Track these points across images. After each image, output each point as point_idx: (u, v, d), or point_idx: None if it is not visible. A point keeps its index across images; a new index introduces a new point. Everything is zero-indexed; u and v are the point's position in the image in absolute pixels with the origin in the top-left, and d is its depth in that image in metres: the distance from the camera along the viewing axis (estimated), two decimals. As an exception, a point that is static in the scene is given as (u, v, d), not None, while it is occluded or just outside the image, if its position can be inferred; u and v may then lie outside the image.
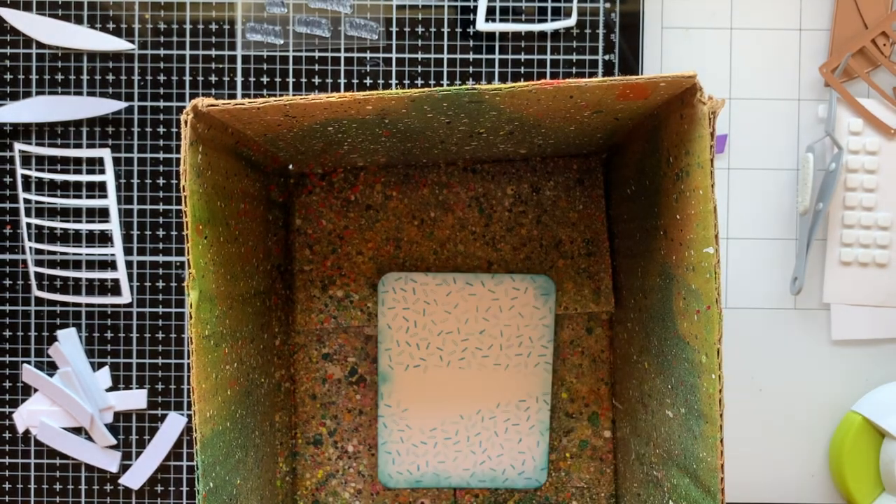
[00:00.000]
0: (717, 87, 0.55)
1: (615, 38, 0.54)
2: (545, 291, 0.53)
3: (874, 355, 0.56)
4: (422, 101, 0.38)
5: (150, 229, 0.54)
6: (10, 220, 0.54)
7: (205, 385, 0.38)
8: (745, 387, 0.56)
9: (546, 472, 0.54)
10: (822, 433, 0.56)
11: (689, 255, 0.39)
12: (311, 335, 0.54)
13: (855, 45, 0.54)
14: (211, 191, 0.39)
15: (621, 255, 0.52)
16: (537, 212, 0.54)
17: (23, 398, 0.55)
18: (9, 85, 0.54)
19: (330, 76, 0.54)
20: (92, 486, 0.55)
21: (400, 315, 0.53)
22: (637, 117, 0.43)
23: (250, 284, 0.46)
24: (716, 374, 0.36)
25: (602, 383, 0.55)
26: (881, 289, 0.55)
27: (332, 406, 0.55)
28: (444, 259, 0.54)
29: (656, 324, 0.45)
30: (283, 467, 0.53)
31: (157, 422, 0.55)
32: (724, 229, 0.56)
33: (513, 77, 0.54)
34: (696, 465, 0.40)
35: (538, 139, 0.47)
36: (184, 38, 0.54)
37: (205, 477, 0.38)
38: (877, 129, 0.54)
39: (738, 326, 0.56)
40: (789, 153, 0.55)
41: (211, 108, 0.36)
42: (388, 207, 0.54)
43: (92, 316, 0.54)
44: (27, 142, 0.54)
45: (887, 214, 0.54)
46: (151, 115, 0.54)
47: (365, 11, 0.54)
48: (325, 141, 0.45)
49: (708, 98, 0.36)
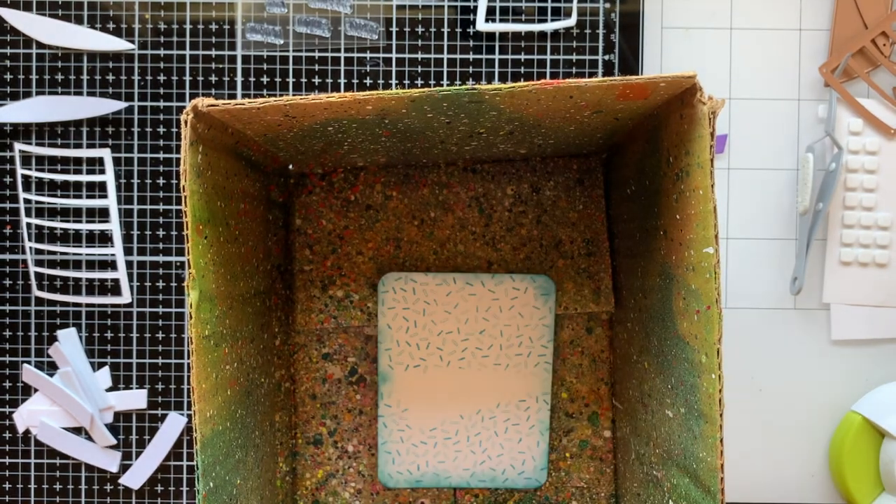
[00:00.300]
0: (717, 87, 0.55)
1: (615, 38, 0.54)
2: (545, 291, 0.53)
3: (874, 355, 0.56)
4: (422, 101, 0.38)
5: (150, 229, 0.54)
6: (10, 220, 0.54)
7: (205, 385, 0.38)
8: (745, 387, 0.56)
9: (546, 472, 0.54)
10: (822, 433, 0.56)
11: (689, 255, 0.39)
12: (311, 335, 0.54)
13: (855, 45, 0.54)
14: (211, 191, 0.39)
15: (621, 255, 0.52)
16: (537, 212, 0.54)
17: (23, 398, 0.55)
18: (9, 85, 0.54)
19: (330, 76, 0.54)
20: (92, 486, 0.55)
21: (400, 315, 0.53)
22: (637, 117, 0.43)
23: (250, 284, 0.46)
24: (716, 373, 0.36)
25: (602, 383, 0.55)
26: (881, 289, 0.55)
27: (332, 406, 0.55)
28: (444, 259, 0.54)
29: (656, 324, 0.45)
30: (283, 467, 0.53)
31: (157, 422, 0.55)
32: (724, 229, 0.56)
33: (513, 77, 0.54)
34: (696, 465, 0.40)
35: (538, 139, 0.47)
36: (184, 38, 0.54)
37: (205, 477, 0.38)
38: (877, 129, 0.54)
39: (738, 326, 0.56)
40: (789, 153, 0.55)
41: (211, 108, 0.36)
42: (388, 207, 0.54)
43: (92, 316, 0.54)
44: (27, 142, 0.54)
45: (887, 214, 0.54)
46: (151, 115, 0.54)
47: (365, 11, 0.54)
48: (325, 141, 0.45)
49: (708, 98, 0.36)
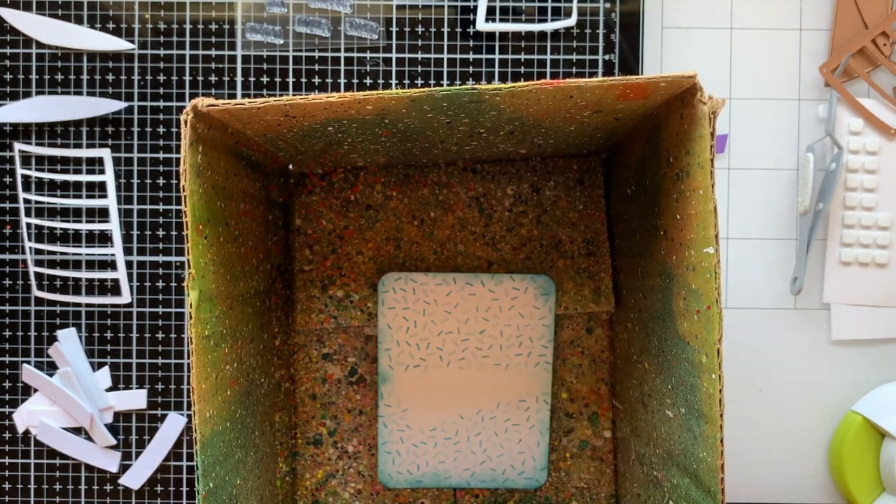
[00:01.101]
0: (717, 87, 0.55)
1: (615, 38, 0.54)
2: (545, 291, 0.53)
3: (874, 355, 0.56)
4: (422, 101, 0.38)
5: (150, 229, 0.54)
6: (10, 220, 0.54)
7: (205, 385, 0.38)
8: (745, 387, 0.56)
9: (546, 472, 0.54)
10: (822, 433, 0.56)
11: (689, 255, 0.39)
12: (311, 335, 0.54)
13: (855, 45, 0.54)
14: (211, 191, 0.39)
15: (621, 255, 0.52)
16: (537, 212, 0.54)
17: (23, 398, 0.55)
18: (9, 85, 0.54)
19: (330, 76, 0.54)
20: (92, 486, 0.55)
21: (400, 315, 0.53)
22: (637, 117, 0.43)
23: (250, 284, 0.46)
24: (716, 374, 0.36)
25: (602, 383, 0.55)
26: (881, 289, 0.55)
27: (332, 406, 0.55)
28: (444, 259, 0.54)
29: (656, 324, 0.44)
30: (283, 467, 0.53)
31: (157, 422, 0.55)
32: (724, 229, 0.56)
33: (513, 77, 0.54)
34: (696, 465, 0.40)
35: (538, 139, 0.47)
36: (184, 38, 0.54)
37: (205, 477, 0.38)
38: (877, 129, 0.54)
39: (738, 326, 0.56)
40: (789, 153, 0.55)
41: (211, 108, 0.36)
42: (388, 207, 0.54)
43: (92, 316, 0.54)
44: (27, 142, 0.54)
45: (887, 214, 0.54)
46: (151, 115, 0.54)
47: (365, 11, 0.54)
48: (325, 141, 0.45)
49: (708, 98, 0.36)
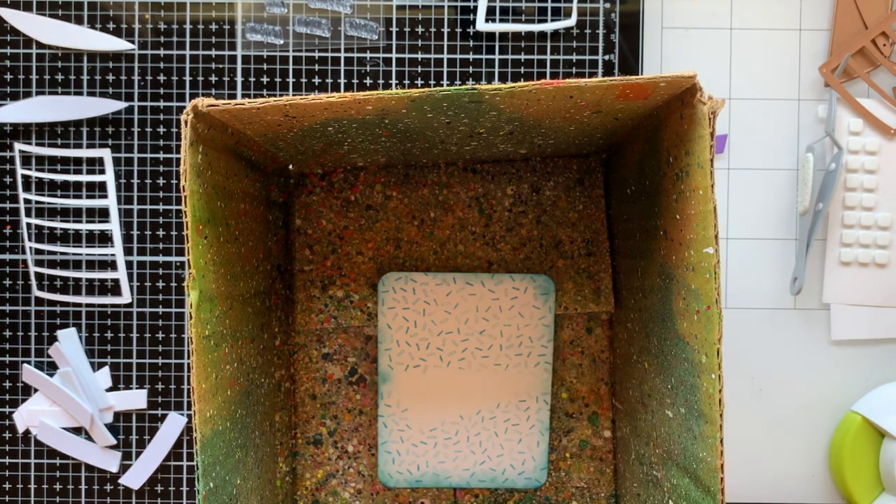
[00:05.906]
0: (717, 87, 0.55)
1: (615, 38, 0.54)
2: (545, 291, 0.53)
3: (874, 355, 0.56)
4: (422, 101, 0.38)
5: (150, 229, 0.54)
6: (10, 220, 0.54)
7: (205, 385, 0.38)
8: (745, 387, 0.56)
9: (546, 472, 0.54)
10: (822, 433, 0.56)
11: (689, 255, 0.39)
12: (311, 335, 0.54)
13: (855, 45, 0.54)
14: (211, 191, 0.39)
15: (621, 255, 0.52)
16: (537, 212, 0.54)
17: (23, 398, 0.55)
18: (9, 85, 0.54)
19: (330, 76, 0.54)
20: (92, 486, 0.55)
21: (400, 315, 0.53)
22: (637, 117, 0.43)
23: (250, 284, 0.46)
24: (716, 373, 0.36)
25: (602, 383, 0.55)
26: (881, 289, 0.55)
27: (332, 406, 0.55)
28: (444, 259, 0.54)
29: (656, 324, 0.44)
30: (283, 467, 0.53)
31: (157, 422, 0.55)
32: (724, 229, 0.56)
33: (513, 77, 0.54)
34: (696, 465, 0.40)
35: (538, 139, 0.47)
36: (184, 38, 0.54)
37: (205, 477, 0.38)
38: (877, 129, 0.54)
39: (738, 326, 0.56)
40: (789, 153, 0.55)
41: (211, 108, 0.36)
42: (388, 207, 0.54)
43: (92, 316, 0.54)
44: (27, 142, 0.54)
45: (887, 214, 0.54)
46: (151, 115, 0.54)
47: (365, 11, 0.54)
48: (325, 141, 0.45)
49: (708, 98, 0.36)
